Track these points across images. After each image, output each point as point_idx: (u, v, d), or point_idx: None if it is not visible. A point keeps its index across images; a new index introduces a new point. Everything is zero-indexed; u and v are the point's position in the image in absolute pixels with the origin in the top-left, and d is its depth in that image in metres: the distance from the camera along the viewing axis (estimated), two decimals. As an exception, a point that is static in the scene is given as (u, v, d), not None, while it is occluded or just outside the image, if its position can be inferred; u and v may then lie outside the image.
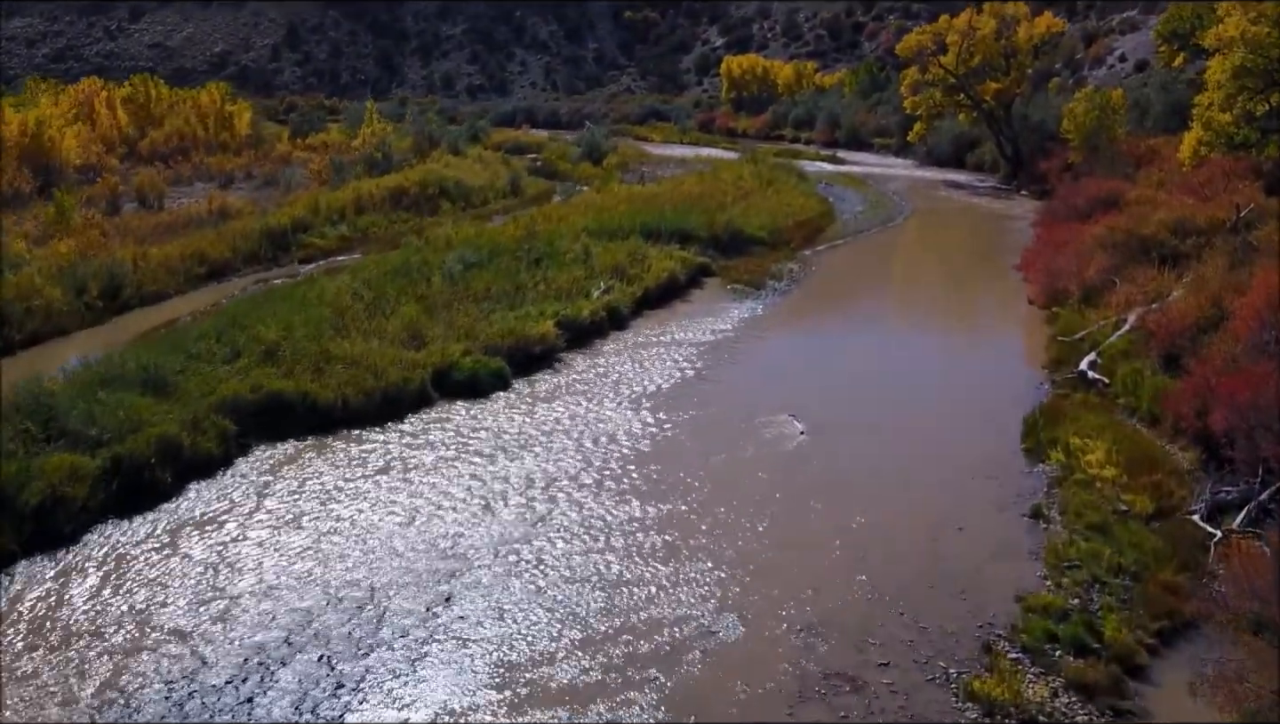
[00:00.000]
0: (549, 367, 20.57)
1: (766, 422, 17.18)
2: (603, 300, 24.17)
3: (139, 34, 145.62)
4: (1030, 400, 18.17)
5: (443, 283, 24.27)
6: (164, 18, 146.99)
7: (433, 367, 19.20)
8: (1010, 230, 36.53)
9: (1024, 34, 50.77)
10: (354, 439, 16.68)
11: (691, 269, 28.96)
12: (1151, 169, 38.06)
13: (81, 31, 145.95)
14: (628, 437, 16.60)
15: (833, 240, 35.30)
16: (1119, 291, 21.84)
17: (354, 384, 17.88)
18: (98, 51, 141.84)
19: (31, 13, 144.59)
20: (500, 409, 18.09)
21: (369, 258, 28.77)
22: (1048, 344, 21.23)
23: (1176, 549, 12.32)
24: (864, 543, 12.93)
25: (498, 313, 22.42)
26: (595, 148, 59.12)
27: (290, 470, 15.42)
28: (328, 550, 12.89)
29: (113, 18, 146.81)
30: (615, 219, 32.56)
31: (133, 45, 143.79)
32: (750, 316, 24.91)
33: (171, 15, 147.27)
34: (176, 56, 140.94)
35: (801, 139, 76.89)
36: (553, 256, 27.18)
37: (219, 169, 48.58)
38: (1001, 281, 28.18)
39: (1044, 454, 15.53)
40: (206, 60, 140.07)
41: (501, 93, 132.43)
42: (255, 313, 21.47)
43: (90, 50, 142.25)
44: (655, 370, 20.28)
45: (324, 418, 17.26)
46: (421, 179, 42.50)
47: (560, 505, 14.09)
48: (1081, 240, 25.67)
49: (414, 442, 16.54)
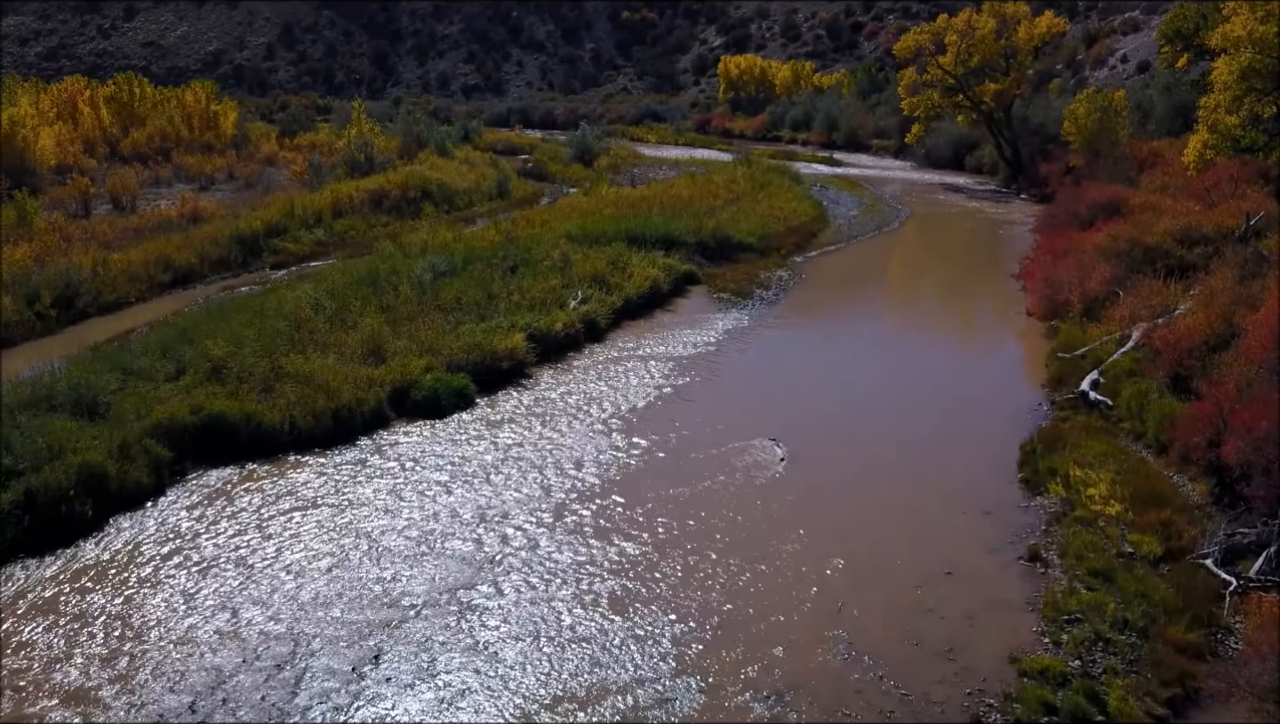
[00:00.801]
0: (517, 383, 19.36)
1: (744, 447, 15.97)
2: (579, 311, 22.96)
3: (133, 32, 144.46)
4: (1028, 423, 16.97)
5: (411, 292, 23.05)
6: (158, 16, 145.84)
7: (391, 384, 18.00)
8: (1009, 236, 35.32)
9: (1024, 34, 49.52)
10: (299, 465, 15.48)
11: (676, 277, 27.74)
12: (1154, 173, 36.88)
13: (75, 30, 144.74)
14: (593, 464, 15.39)
15: (825, 246, 34.09)
16: (1122, 305, 20.64)
17: (303, 404, 16.67)
18: (91, 50, 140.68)
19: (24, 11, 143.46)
20: (459, 431, 16.88)
21: (336, 265, 27.56)
22: (1047, 360, 20.02)
23: (1188, 600, 11.11)
24: (842, 591, 11.72)
25: (466, 324, 21.21)
26: (587, 149, 57.93)
27: (223, 502, 14.21)
28: (250, 596, 11.69)
29: (106, 16, 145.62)
30: (599, 224, 31.39)
31: (126, 44, 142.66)
32: (735, 328, 23.69)
33: (165, 14, 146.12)
34: (170, 55, 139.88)
35: (798, 140, 75.74)
36: (529, 264, 25.97)
37: (198, 170, 47.37)
38: (999, 291, 26.97)
39: (1042, 486, 14.32)
40: (200, 59, 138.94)
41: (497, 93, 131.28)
42: (208, 325, 20.27)
43: (83, 49, 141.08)
44: (629, 388, 19.07)
45: (269, 441, 16.05)
46: (403, 181, 41.31)
47: (512, 545, 12.88)
48: (1083, 249, 24.47)
49: (361, 469, 15.33)
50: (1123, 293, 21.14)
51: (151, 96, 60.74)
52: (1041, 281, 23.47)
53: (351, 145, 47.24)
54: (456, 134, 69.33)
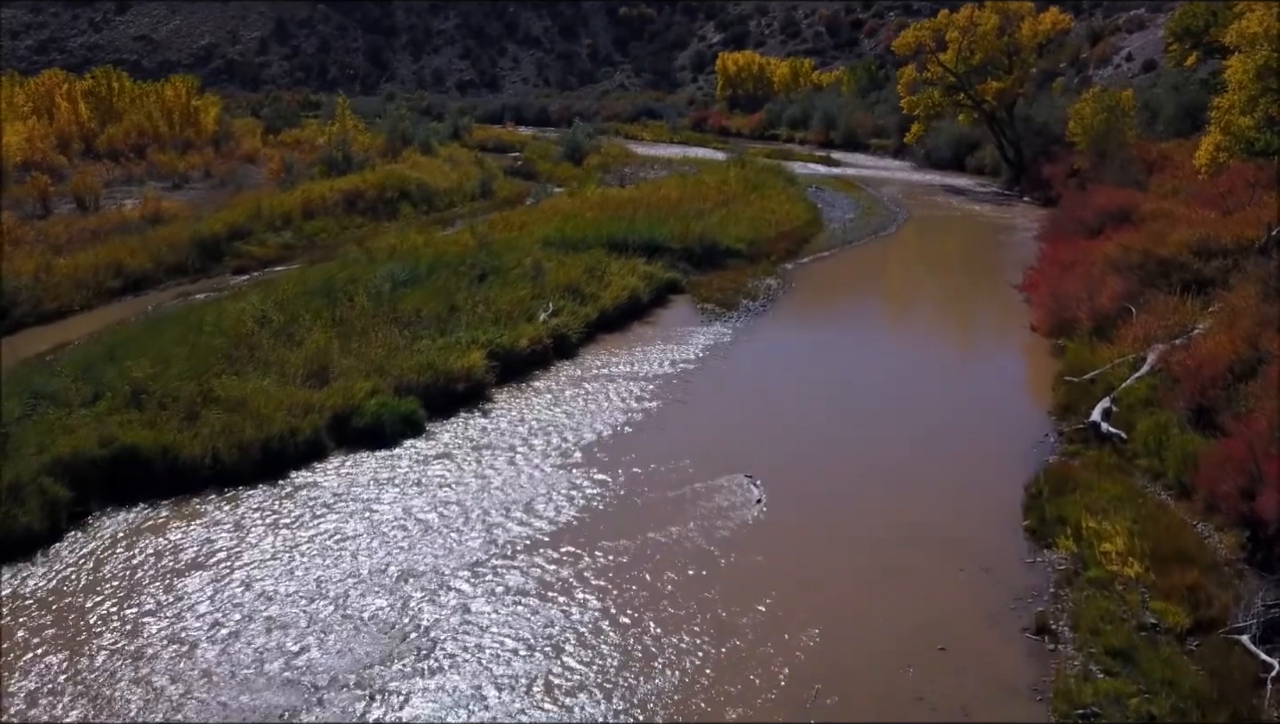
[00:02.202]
0: (473, 406, 17.68)
1: (716, 486, 14.31)
2: (549, 325, 21.30)
3: (124, 26, 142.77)
4: (1033, 458, 15.32)
5: (368, 303, 21.38)
6: (150, 10, 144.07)
7: (332, 410, 16.31)
8: (1012, 243, 33.64)
9: (1028, 31, 47.80)
10: (216, 506, 13.81)
11: (658, 286, 26.08)
12: (1164, 176, 35.21)
13: (66, 23, 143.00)
14: (546, 506, 13.71)
15: (819, 252, 32.41)
16: (1136, 323, 18.96)
17: (229, 434, 15.00)
18: (82, 44, 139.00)
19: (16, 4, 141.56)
20: (400, 465, 15.20)
21: (291, 272, 25.86)
22: (1054, 383, 18.35)
23: (1223, 688, 9.46)
24: (817, 673, 10.05)
25: (423, 340, 19.53)
26: (577, 147, 56.25)
27: (123, 551, 12.55)
28: (129, 675, 10.02)
29: (98, 10, 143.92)
30: (580, 228, 29.72)
31: (118, 38, 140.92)
32: (716, 344, 22.02)
33: (158, 8, 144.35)
34: (162, 49, 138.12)
35: (796, 139, 74.08)
36: (499, 272, 24.30)
37: (171, 168, 45.66)
38: (1001, 304, 25.29)
39: (1050, 537, 12.65)
40: (192, 53, 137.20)
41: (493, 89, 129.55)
42: (140, 341, 18.61)
43: (74, 43, 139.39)
44: (597, 413, 17.40)
45: (188, 477, 14.40)
46: (380, 181, 39.62)
47: (441, 609, 11.21)
48: (1091, 260, 22.80)
49: (282, 512, 13.63)
50: (1136, 310, 19.47)
51: (130, 91, 59.14)
52: (1047, 295, 21.79)
53: (331, 143, 45.51)
54: (446, 131, 67.71)
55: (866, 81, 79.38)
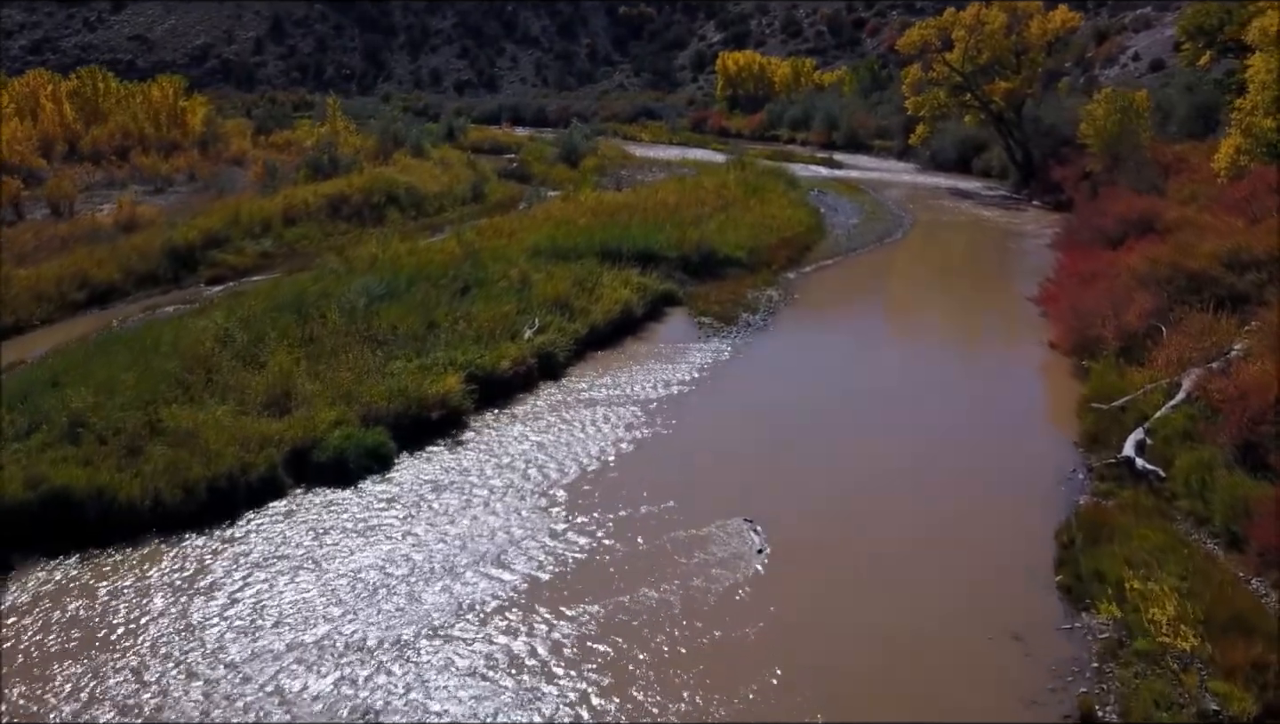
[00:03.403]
0: (448, 436, 16.24)
1: (712, 533, 12.87)
2: (534, 342, 19.86)
3: (119, 26, 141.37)
4: (1062, 497, 13.89)
5: (340, 320, 19.94)
6: (145, 9, 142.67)
7: (291, 443, 14.89)
8: (1024, 250, 32.22)
9: (1037, 29, 46.32)
10: (151, 557, 12.38)
11: (652, 298, 24.64)
12: (1180, 180, 33.79)
13: (60, 23, 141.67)
14: (519, 560, 12.26)
15: (822, 260, 30.95)
16: (1167, 344, 17.50)
17: (174, 473, 13.58)
18: (76, 44, 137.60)
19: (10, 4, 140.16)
20: (362, 507, 13.76)
21: (261, 286, 24.40)
22: (1079, 409, 16.91)
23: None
24: (828, 774, 8.64)
25: (398, 361, 18.10)
26: (573, 149, 54.79)
27: (41, 611, 11.12)
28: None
29: (93, 9, 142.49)
30: (572, 236, 28.28)
31: (113, 37, 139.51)
32: (714, 362, 20.58)
33: (153, 7, 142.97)
34: (157, 49, 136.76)
35: (797, 140, 72.60)
36: (483, 284, 22.86)
37: (154, 171, 44.23)
38: (1016, 318, 23.86)
39: (1089, 597, 11.21)
40: (187, 53, 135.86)
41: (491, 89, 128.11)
42: (88, 364, 17.18)
43: (69, 42, 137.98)
44: (582, 443, 15.96)
45: (126, 521, 12.99)
46: (367, 185, 38.16)
47: (390, 691, 9.77)
48: (1114, 272, 21.35)
49: (219, 567, 12.19)
50: (1166, 328, 18.02)
51: (116, 92, 57.82)
52: (1068, 310, 20.34)
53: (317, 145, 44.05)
54: (440, 132, 66.31)
55: (869, 81, 77.96)
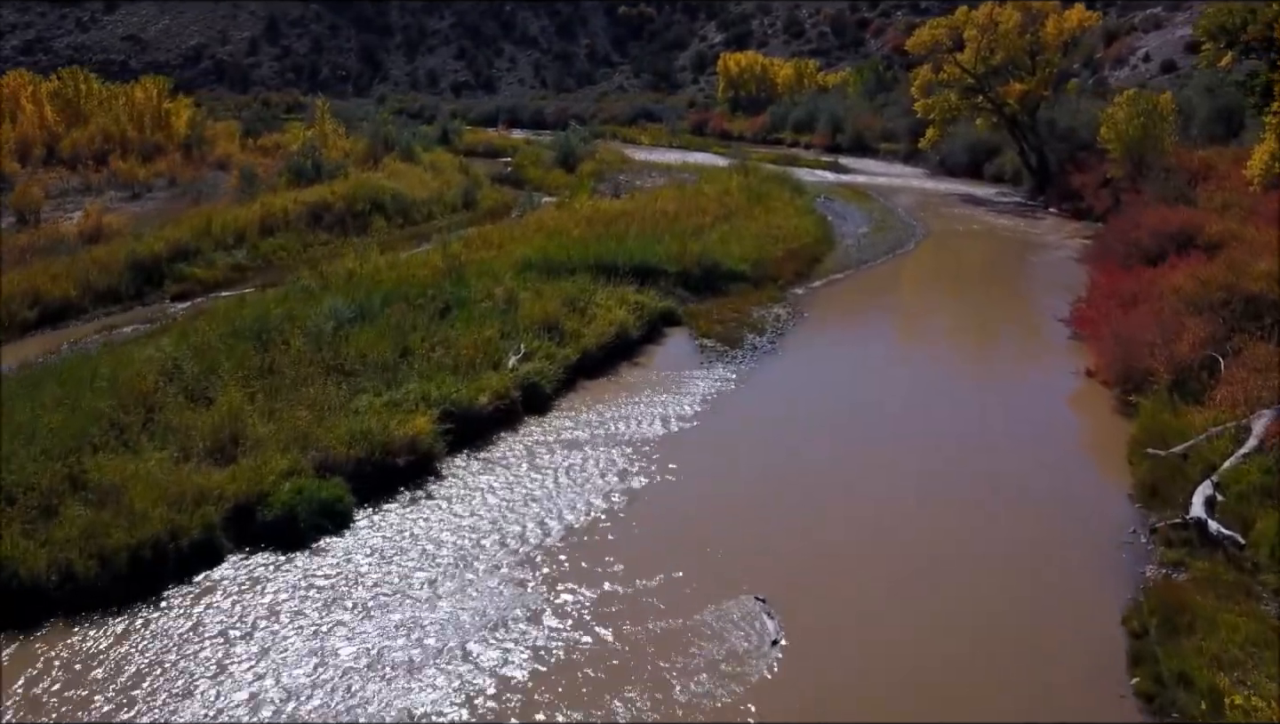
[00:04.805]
0: (417, 485, 14.29)
1: (718, 618, 10.91)
2: (518, 372, 17.92)
3: (112, 26, 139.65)
4: (1123, 567, 11.94)
5: (305, 347, 17.98)
6: (139, 10, 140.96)
7: (235, 498, 12.94)
8: (1047, 263, 30.28)
9: (1053, 29, 44.41)
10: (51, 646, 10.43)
11: (650, 318, 22.71)
12: (1209, 187, 31.90)
13: (53, 23, 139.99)
14: (489, 652, 10.27)
15: (831, 274, 29.00)
16: (1228, 378, 15.56)
17: (91, 539, 11.64)
18: (69, 44, 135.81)
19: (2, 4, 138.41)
20: (307, 578, 11.78)
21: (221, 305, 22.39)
22: (1130, 453, 14.97)
23: None
24: None
25: (365, 395, 16.17)
26: (570, 153, 52.89)
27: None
28: None
29: (86, 9, 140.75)
30: (565, 248, 26.36)
31: (106, 37, 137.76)
32: (719, 393, 18.62)
33: (147, 7, 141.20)
34: (151, 49, 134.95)
35: (801, 143, 70.73)
36: (465, 305, 20.92)
37: (131, 176, 42.27)
38: (1046, 341, 21.91)
39: (1174, 708, 9.26)
40: (181, 54, 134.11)
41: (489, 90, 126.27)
42: (11, 403, 15.21)
43: (61, 43, 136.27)
44: (567, 496, 14.01)
45: (31, 599, 11.04)
46: (350, 192, 36.24)
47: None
48: (1157, 292, 19.40)
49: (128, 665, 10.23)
50: (1224, 360, 16.08)
51: (99, 93, 55.98)
52: (1110, 336, 18.37)
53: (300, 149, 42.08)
54: (435, 135, 64.43)
55: (874, 83, 76.10)
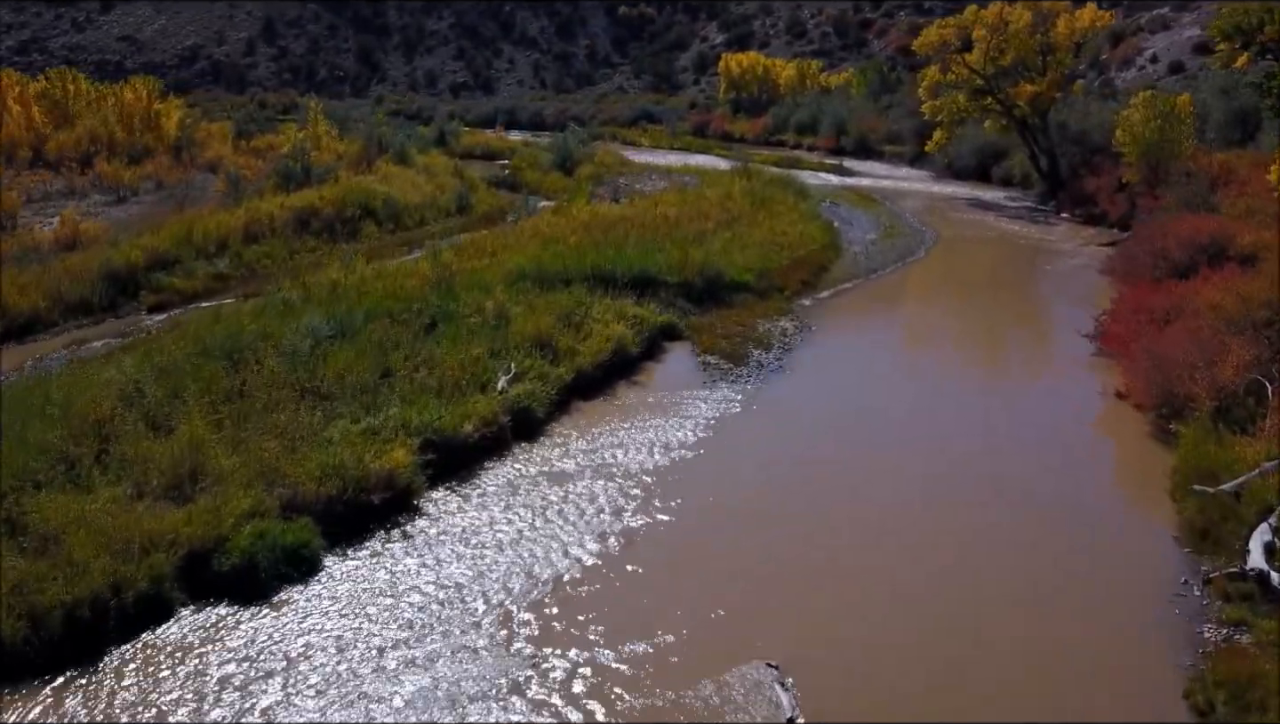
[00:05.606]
0: (394, 525, 13.03)
1: (726, 686, 9.65)
2: (507, 395, 16.67)
3: (108, 26, 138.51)
4: (1176, 624, 10.68)
5: (278, 367, 16.74)
6: (135, 10, 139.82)
7: (189, 543, 11.68)
8: (1063, 273, 29.03)
9: (1064, 29, 43.16)
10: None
11: (649, 333, 21.47)
12: (1230, 193, 30.73)
13: (49, 23, 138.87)
14: (465, 732, 9.07)
15: (839, 284, 27.74)
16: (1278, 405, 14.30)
17: (23, 594, 10.40)
18: (64, 44, 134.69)
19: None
20: (264, 636, 10.52)
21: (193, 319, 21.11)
22: (1174, 490, 13.72)
23: None
24: None
25: (340, 422, 14.92)
26: (568, 156, 51.66)
27: None
28: None
29: (81, 9, 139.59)
30: (561, 256, 25.13)
31: (101, 38, 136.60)
32: (723, 415, 17.36)
33: (143, 7, 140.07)
34: (147, 50, 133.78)
35: (804, 145, 69.52)
36: (453, 320, 19.68)
37: (116, 179, 41.06)
38: (1070, 358, 20.63)
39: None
40: (177, 54, 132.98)
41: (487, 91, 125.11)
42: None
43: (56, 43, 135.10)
44: (558, 538, 12.74)
45: (-50, 665, 9.82)
46: (340, 196, 34.98)
47: None
48: (1192, 308, 18.14)
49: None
50: (1273, 385, 14.81)
51: (87, 94, 54.88)
52: (1144, 356, 17.10)
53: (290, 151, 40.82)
54: (431, 137, 63.20)
55: (878, 84, 74.96)
